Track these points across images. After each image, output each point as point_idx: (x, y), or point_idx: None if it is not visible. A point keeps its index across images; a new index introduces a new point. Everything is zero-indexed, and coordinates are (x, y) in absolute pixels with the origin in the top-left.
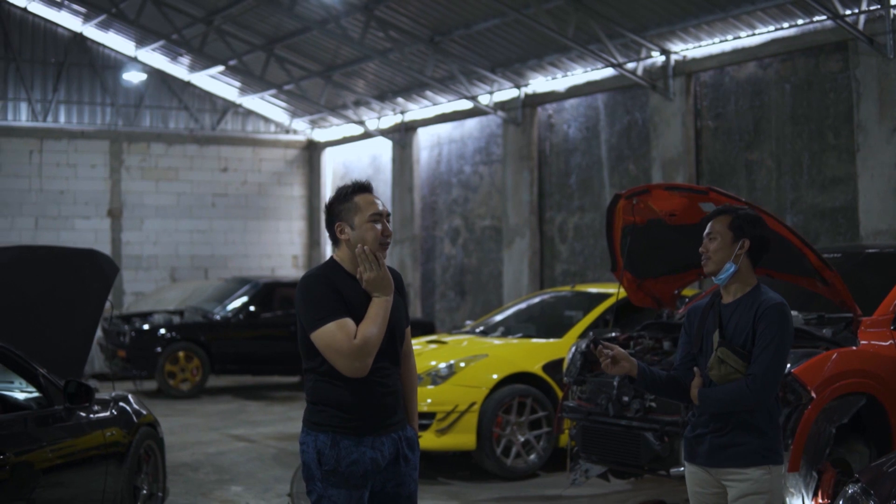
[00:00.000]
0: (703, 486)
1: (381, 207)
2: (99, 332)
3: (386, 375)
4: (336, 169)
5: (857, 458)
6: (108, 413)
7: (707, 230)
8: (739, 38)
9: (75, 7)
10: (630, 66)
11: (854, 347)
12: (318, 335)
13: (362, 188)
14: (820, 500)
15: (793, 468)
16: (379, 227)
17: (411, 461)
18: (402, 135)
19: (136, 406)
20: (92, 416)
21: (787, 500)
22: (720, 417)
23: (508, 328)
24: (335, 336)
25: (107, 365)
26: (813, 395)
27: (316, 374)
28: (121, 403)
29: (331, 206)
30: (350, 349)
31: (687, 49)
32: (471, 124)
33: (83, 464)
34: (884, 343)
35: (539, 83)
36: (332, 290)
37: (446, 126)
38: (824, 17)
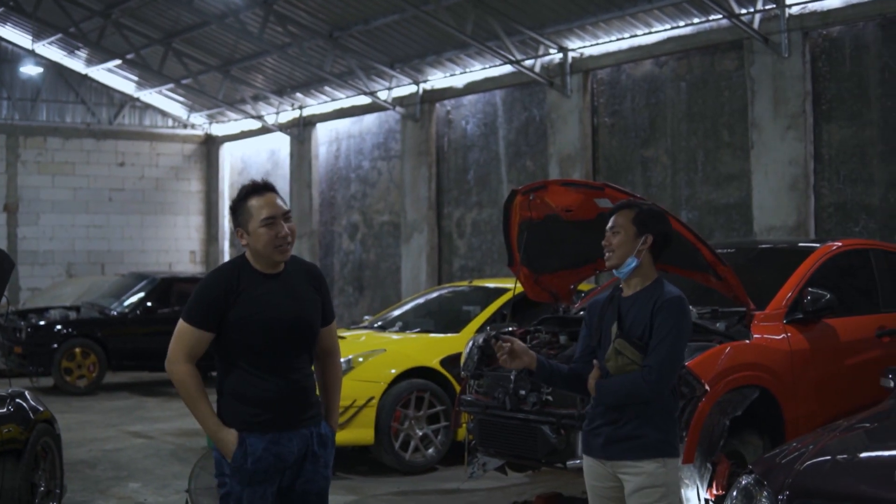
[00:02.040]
0: (599, 480)
1: (274, 210)
2: None
3: (297, 370)
4: (234, 164)
5: (751, 449)
6: (4, 410)
7: (610, 223)
8: (636, 36)
9: None
10: (528, 63)
11: (747, 341)
12: (178, 323)
13: (256, 190)
14: (714, 492)
15: (687, 460)
16: (272, 231)
17: (321, 458)
18: (301, 130)
19: (32, 403)
20: None
21: (682, 491)
22: (616, 409)
23: (407, 323)
24: (177, 336)
25: (3, 361)
26: (707, 387)
27: (225, 367)
28: (17, 400)
29: (232, 210)
30: (171, 357)
31: (584, 47)
32: (369, 120)
33: None
34: (776, 336)
35: (437, 79)
36: (218, 293)
37: (345, 121)
38: (720, 16)
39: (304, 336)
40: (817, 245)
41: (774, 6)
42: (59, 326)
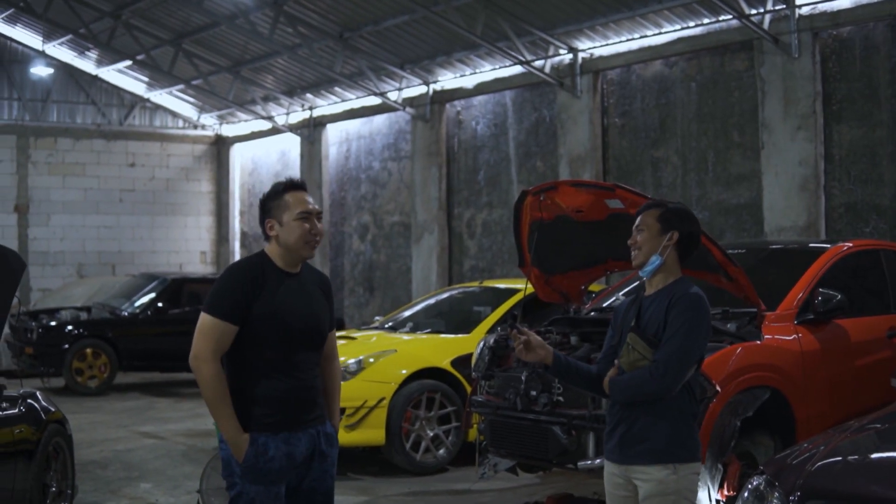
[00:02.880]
0: (616, 488)
1: (310, 206)
2: (6, 329)
3: (305, 370)
4: (244, 164)
5: (762, 450)
6: (16, 410)
7: (637, 223)
8: (646, 36)
9: None
10: (538, 63)
11: (758, 342)
12: (201, 318)
13: (295, 186)
14: (725, 493)
15: None
16: (307, 225)
17: (328, 458)
18: (311, 130)
19: (44, 403)
20: (0, 413)
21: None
22: (628, 408)
23: (417, 324)
24: (202, 332)
25: (14, 362)
26: (718, 388)
27: (234, 368)
28: (29, 401)
29: (263, 203)
30: (197, 354)
31: (594, 47)
32: (379, 120)
33: None
34: (787, 337)
35: (448, 80)
36: (244, 286)
37: (355, 122)
38: (730, 17)
39: (317, 337)
40: (828, 246)
41: (784, 7)
42: (70, 327)
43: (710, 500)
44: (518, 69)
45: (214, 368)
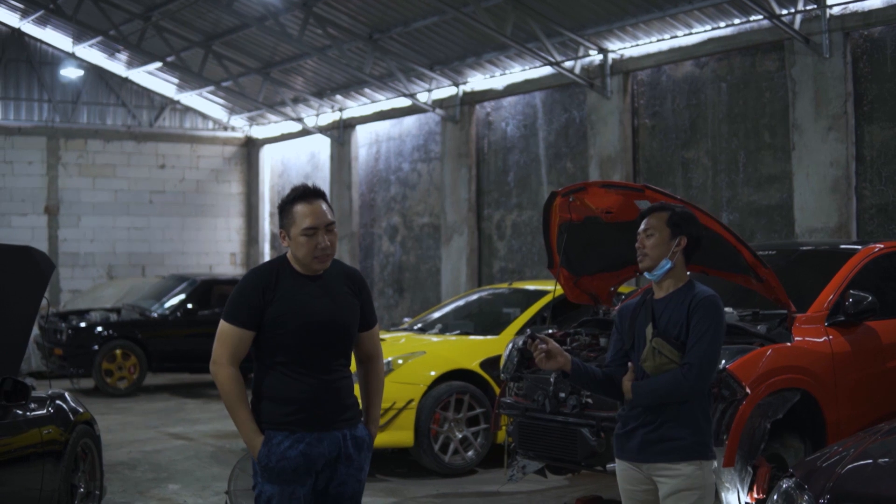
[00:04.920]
0: (633, 484)
1: (317, 220)
2: (35, 330)
3: (331, 372)
4: (274, 166)
5: (792, 452)
6: (44, 411)
7: (643, 226)
8: (676, 37)
9: (13, 3)
10: (568, 64)
11: (788, 344)
12: (220, 324)
13: (304, 195)
14: (755, 495)
15: (728, 463)
16: (312, 242)
17: (355, 461)
18: (341, 132)
19: (72, 404)
20: (29, 414)
21: (723, 494)
22: (652, 411)
23: (446, 325)
24: (220, 338)
25: (43, 363)
26: (748, 390)
27: (260, 368)
28: (58, 401)
29: (279, 210)
30: (215, 359)
31: (624, 48)
32: (409, 122)
33: (20, 462)
34: (818, 339)
35: (477, 81)
36: (257, 292)
37: (385, 123)
38: (761, 17)
39: (339, 338)
40: (859, 247)
41: (815, 6)
42: (99, 328)
43: (740, 503)
44: (548, 70)
45: (231, 373)
